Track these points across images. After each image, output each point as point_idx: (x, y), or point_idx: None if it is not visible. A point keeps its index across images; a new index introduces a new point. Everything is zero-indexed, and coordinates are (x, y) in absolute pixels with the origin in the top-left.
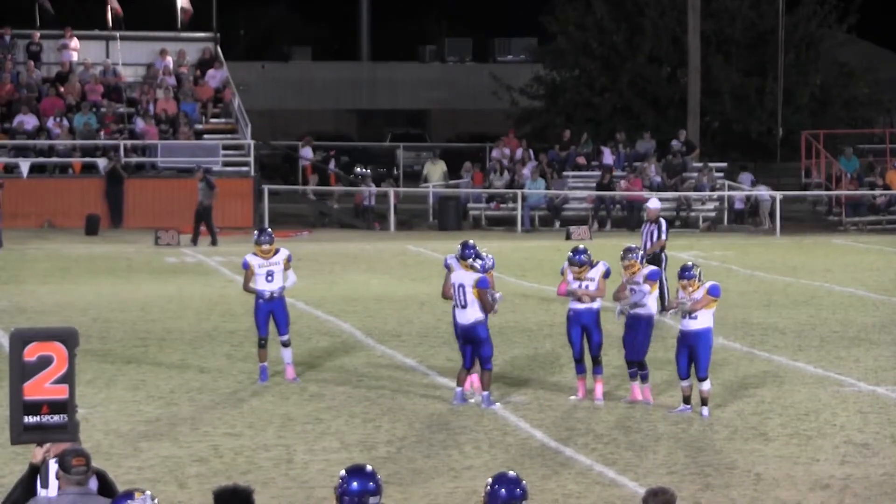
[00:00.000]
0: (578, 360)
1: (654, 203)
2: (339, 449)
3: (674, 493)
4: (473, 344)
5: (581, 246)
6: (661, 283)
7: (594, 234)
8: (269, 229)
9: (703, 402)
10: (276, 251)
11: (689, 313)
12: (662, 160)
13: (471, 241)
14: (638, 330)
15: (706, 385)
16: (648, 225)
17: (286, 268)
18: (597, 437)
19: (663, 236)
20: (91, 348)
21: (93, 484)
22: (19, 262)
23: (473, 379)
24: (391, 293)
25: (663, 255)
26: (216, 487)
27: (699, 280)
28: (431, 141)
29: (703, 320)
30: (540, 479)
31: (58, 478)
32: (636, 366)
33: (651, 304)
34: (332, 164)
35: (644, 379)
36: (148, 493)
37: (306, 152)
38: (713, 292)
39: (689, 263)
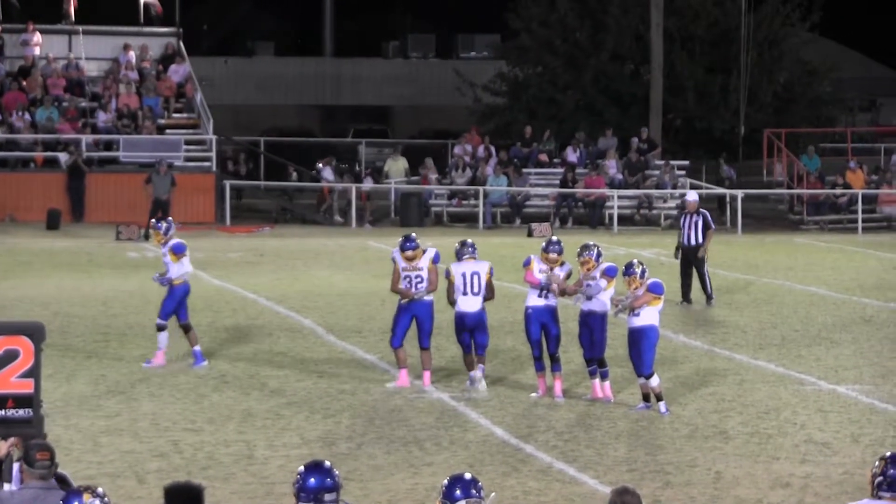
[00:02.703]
0: (538, 358)
1: (692, 196)
2: (300, 445)
3: (639, 496)
4: (476, 331)
5: (555, 237)
6: (705, 273)
7: (556, 231)
8: (171, 218)
9: (658, 398)
10: (168, 241)
11: (631, 310)
12: (624, 158)
13: (412, 234)
14: (594, 328)
15: (654, 381)
16: (690, 216)
17: (175, 259)
18: (557, 435)
19: (712, 226)
20: (52, 343)
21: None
22: None
23: (425, 376)
24: (353, 289)
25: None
26: (167, 483)
27: (641, 278)
28: (394, 137)
29: (645, 317)
30: (500, 477)
31: (21, 471)
32: (596, 363)
33: (605, 301)
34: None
35: (604, 376)
36: (100, 490)
37: (327, 173)
38: (653, 289)
39: (633, 261)
